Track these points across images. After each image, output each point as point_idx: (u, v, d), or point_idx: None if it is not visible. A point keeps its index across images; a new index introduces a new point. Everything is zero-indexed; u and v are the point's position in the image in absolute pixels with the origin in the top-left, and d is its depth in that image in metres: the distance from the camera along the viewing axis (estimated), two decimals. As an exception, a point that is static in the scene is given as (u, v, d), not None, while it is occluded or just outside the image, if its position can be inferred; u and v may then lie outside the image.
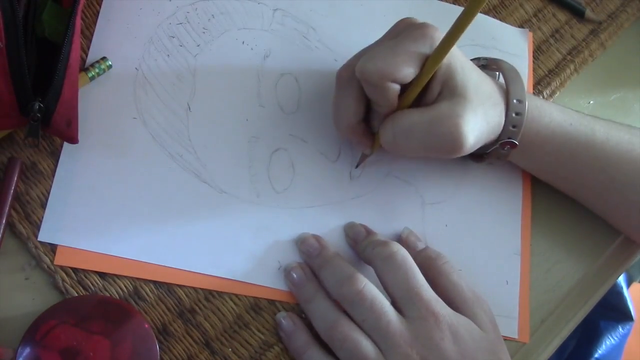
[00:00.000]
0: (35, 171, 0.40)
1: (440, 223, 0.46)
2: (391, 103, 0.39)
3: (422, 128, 0.38)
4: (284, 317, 0.40)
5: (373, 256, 0.40)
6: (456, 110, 0.38)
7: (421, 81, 0.38)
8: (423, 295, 0.37)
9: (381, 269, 0.39)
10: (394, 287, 0.38)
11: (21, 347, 0.35)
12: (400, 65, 0.37)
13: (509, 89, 0.41)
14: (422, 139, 0.39)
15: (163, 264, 0.40)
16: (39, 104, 0.35)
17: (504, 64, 0.43)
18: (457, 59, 0.39)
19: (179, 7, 0.46)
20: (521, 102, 0.41)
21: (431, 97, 0.40)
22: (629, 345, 0.88)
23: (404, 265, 0.38)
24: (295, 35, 0.48)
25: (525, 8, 0.54)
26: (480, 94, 0.39)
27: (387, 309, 0.37)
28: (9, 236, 0.39)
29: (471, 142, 0.39)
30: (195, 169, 0.42)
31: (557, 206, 0.48)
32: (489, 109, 0.40)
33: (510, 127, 0.41)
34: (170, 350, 0.39)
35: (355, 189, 0.45)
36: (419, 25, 0.39)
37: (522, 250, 0.47)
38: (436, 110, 0.39)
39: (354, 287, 0.38)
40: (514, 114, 0.41)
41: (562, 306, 0.47)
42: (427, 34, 0.38)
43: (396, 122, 0.39)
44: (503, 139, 0.41)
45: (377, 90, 0.38)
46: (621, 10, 0.57)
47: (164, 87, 0.44)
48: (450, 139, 0.38)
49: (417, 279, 0.38)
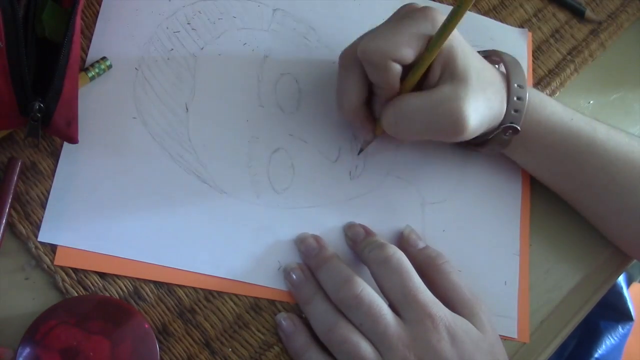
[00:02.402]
0: (35, 171, 0.40)
1: (440, 223, 0.46)
2: (392, 85, 0.39)
3: (424, 111, 0.38)
4: (284, 318, 0.40)
5: (369, 259, 0.40)
6: (458, 93, 0.38)
7: (423, 64, 0.38)
8: (419, 298, 0.37)
9: (377, 272, 0.39)
10: (391, 290, 0.38)
11: (21, 347, 0.35)
12: (402, 45, 0.37)
13: (509, 75, 0.42)
14: (424, 122, 0.39)
15: (163, 264, 0.40)
16: (39, 104, 0.35)
17: (505, 55, 0.43)
18: (459, 43, 0.39)
19: (179, 7, 0.46)
20: (522, 88, 0.41)
21: (432, 80, 0.40)
22: (629, 345, 0.88)
23: (399, 269, 0.38)
24: (295, 35, 0.48)
25: (525, 8, 0.54)
26: (482, 79, 0.39)
27: (384, 312, 0.37)
28: (9, 236, 0.39)
29: (473, 126, 0.39)
30: (195, 169, 0.42)
31: (557, 206, 0.48)
32: (491, 94, 0.40)
33: (512, 112, 0.41)
34: (170, 350, 0.39)
35: (355, 189, 0.45)
36: (421, 8, 0.39)
37: (521, 250, 0.47)
38: (438, 93, 0.39)
39: (351, 291, 0.38)
40: (515, 98, 0.41)
41: (562, 306, 0.47)
42: (428, 15, 0.38)
43: (398, 105, 0.39)
44: (505, 124, 0.41)
45: (378, 70, 0.38)
46: (621, 10, 0.57)
47: (164, 87, 0.44)
48: (452, 121, 0.38)
49: (413, 282, 0.38)
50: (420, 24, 0.38)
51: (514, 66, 0.42)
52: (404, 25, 0.38)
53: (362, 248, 0.41)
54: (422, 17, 0.38)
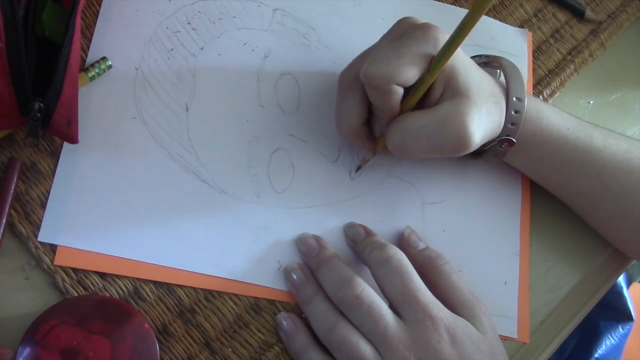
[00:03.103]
0: (35, 171, 0.40)
1: (440, 223, 0.46)
2: (394, 107, 0.38)
3: (430, 129, 0.38)
4: (284, 318, 0.40)
5: (370, 260, 0.40)
6: (461, 109, 0.38)
7: (425, 84, 0.38)
8: (420, 298, 0.37)
9: (378, 273, 0.39)
10: (391, 291, 0.38)
11: (21, 347, 0.35)
12: (405, 68, 0.37)
13: (509, 87, 0.41)
14: (430, 140, 0.39)
15: (163, 264, 0.40)
16: (39, 104, 0.35)
17: (505, 61, 0.43)
18: (460, 58, 0.39)
19: (179, 7, 0.46)
20: (520, 101, 0.41)
21: (434, 98, 0.39)
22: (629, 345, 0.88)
23: (400, 269, 0.38)
24: (295, 35, 0.48)
25: (525, 8, 0.54)
26: (482, 93, 0.39)
27: (384, 312, 0.37)
28: (9, 236, 0.39)
29: (477, 140, 0.39)
30: (195, 169, 0.43)
31: (557, 206, 0.48)
32: (491, 107, 0.40)
33: (509, 125, 0.41)
34: (170, 350, 0.39)
35: (355, 189, 0.45)
36: (421, 26, 0.39)
37: (521, 250, 0.47)
38: (442, 110, 0.38)
39: (351, 291, 0.38)
40: (513, 112, 0.41)
41: (562, 306, 0.47)
42: (429, 35, 0.38)
43: (403, 125, 0.39)
44: (502, 137, 0.41)
45: (381, 94, 0.38)
46: (621, 10, 0.57)
47: (164, 87, 0.44)
48: (458, 138, 0.38)
49: (414, 282, 0.38)
50: (421, 44, 0.37)
51: (513, 76, 0.42)
52: (406, 46, 0.37)
53: (363, 248, 0.41)
54: (423, 37, 0.38)
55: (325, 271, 0.40)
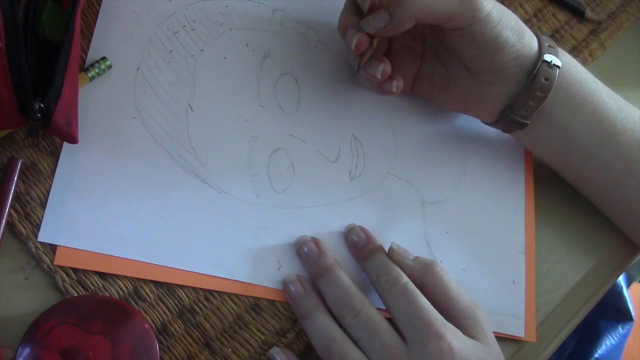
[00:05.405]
0: (35, 171, 0.40)
1: (441, 222, 0.46)
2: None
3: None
4: (277, 353, 0.40)
5: (376, 284, 0.40)
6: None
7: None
8: (424, 317, 0.37)
9: (384, 297, 0.39)
10: (397, 313, 0.38)
11: (21, 347, 0.35)
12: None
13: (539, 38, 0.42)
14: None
15: (163, 264, 0.40)
16: (39, 104, 0.35)
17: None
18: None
19: (179, 7, 0.46)
20: (553, 48, 0.42)
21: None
22: (629, 345, 0.88)
23: (404, 291, 0.38)
24: (295, 35, 0.48)
25: (525, 8, 0.54)
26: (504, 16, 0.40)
27: (383, 329, 0.37)
28: (9, 236, 0.39)
29: (487, 8, 0.38)
30: (195, 169, 0.42)
31: (557, 206, 0.48)
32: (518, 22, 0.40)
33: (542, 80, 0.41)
34: (170, 350, 0.39)
35: (355, 189, 0.45)
36: None
37: (526, 248, 0.47)
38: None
39: (351, 306, 0.38)
40: (547, 45, 0.41)
41: (562, 306, 0.47)
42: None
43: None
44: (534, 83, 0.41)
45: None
46: (621, 10, 0.57)
47: (164, 87, 0.44)
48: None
49: (419, 304, 0.37)
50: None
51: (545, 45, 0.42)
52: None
53: (368, 268, 0.41)
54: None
55: (327, 282, 0.40)
